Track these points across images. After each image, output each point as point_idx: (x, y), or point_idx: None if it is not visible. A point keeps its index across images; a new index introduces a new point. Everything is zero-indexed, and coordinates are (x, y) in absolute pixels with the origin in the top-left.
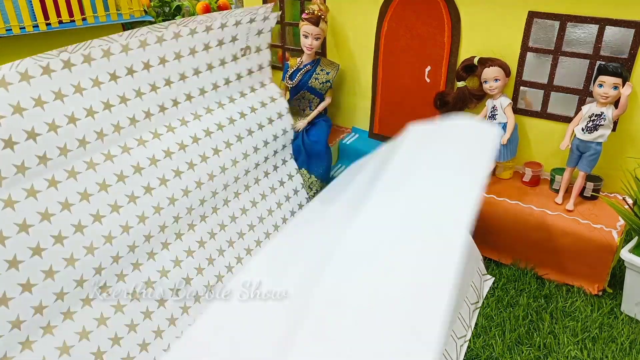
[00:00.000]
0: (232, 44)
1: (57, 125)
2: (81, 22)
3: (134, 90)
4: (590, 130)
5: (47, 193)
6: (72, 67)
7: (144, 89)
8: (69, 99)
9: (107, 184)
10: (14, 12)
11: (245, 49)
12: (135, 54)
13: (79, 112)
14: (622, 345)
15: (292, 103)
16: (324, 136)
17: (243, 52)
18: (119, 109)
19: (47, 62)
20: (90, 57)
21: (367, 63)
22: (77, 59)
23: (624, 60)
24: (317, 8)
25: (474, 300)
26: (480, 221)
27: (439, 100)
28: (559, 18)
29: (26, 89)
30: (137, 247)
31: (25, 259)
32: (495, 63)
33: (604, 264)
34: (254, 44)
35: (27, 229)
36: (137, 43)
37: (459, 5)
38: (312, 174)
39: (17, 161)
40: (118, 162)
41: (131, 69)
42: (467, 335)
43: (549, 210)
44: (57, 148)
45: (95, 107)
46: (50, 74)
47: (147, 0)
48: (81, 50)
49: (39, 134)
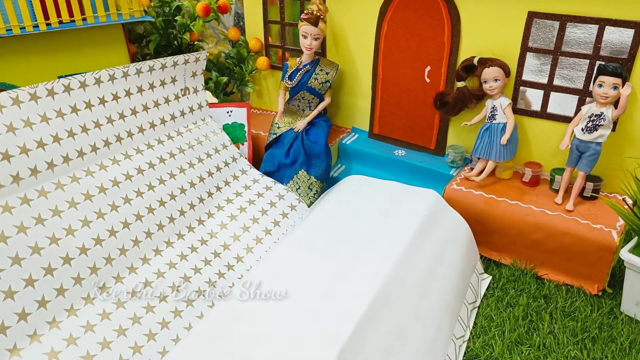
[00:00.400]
0: (173, 84)
1: (44, 143)
2: (81, 22)
3: (93, 122)
4: (590, 131)
5: (38, 201)
6: (55, 95)
7: (101, 120)
8: (53, 121)
9: (90, 194)
10: (14, 12)
11: (184, 90)
12: (91, 90)
13: (62, 133)
14: (621, 345)
15: (291, 103)
16: (324, 136)
17: (183, 92)
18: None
19: (35, 90)
20: (53, 92)
21: (367, 63)
22: (59, 87)
23: (623, 60)
24: (316, 8)
25: (472, 300)
26: (480, 221)
27: (439, 101)
28: (559, 18)
29: (17, 112)
30: (114, 258)
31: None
32: (495, 63)
33: (604, 264)
34: (191, 85)
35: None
36: (92, 80)
37: (459, 5)
38: (312, 175)
39: (12, 172)
40: (98, 177)
41: (89, 103)
42: (465, 335)
43: (548, 211)
44: (45, 162)
45: (74, 129)
46: (37, 100)
47: (147, 0)
48: (63, 82)
49: (29, 149)
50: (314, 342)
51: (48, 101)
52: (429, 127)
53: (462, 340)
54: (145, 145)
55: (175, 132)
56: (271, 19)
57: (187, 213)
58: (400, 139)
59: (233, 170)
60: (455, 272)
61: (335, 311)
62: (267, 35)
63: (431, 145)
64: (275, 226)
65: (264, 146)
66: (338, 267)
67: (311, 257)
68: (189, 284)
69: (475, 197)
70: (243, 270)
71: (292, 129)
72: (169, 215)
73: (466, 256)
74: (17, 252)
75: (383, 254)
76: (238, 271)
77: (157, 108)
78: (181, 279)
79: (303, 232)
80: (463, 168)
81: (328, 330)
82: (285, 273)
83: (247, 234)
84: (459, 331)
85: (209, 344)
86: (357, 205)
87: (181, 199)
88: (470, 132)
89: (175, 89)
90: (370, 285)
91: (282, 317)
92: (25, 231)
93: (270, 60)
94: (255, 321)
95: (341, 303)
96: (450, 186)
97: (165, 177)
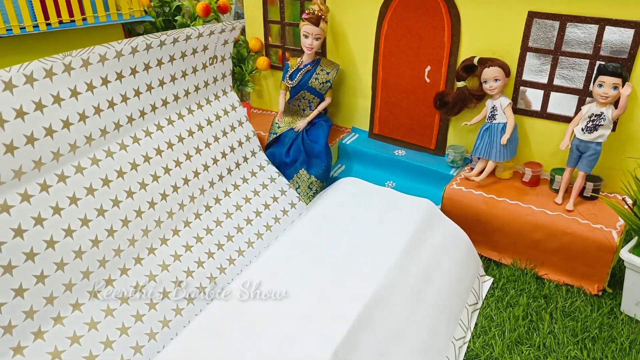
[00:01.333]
0: (203, 52)
1: (70, 122)
2: (81, 22)
3: (121, 95)
4: (590, 131)
5: (39, 197)
6: (71, 71)
7: (129, 93)
8: (66, 102)
9: (93, 189)
10: (14, 12)
11: (213, 58)
12: (125, 59)
13: (73, 116)
14: (621, 345)
15: (292, 103)
16: (324, 136)
17: (211, 61)
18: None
19: (51, 65)
20: (88, 62)
21: (367, 63)
22: (77, 62)
23: (623, 60)
24: (318, 8)
25: (472, 302)
26: (481, 221)
27: (439, 101)
28: (559, 18)
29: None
30: (123, 250)
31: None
32: (495, 63)
33: (604, 264)
34: (220, 54)
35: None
36: (128, 49)
37: (459, 5)
38: (312, 174)
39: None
40: (117, 159)
41: (120, 74)
42: (466, 337)
43: (548, 211)
44: (68, 145)
45: (87, 111)
46: (52, 77)
47: (147, 1)
48: (81, 55)
49: (55, 130)
50: (308, 342)
51: (81, 72)
52: (429, 127)
53: (463, 341)
54: (166, 120)
55: (196, 104)
56: (271, 19)
57: (196, 199)
58: (400, 139)
59: (245, 151)
60: (453, 278)
61: (330, 313)
62: (267, 35)
63: (431, 145)
64: (276, 222)
65: (264, 146)
66: (333, 271)
67: (307, 259)
68: (191, 280)
69: (475, 197)
70: (243, 266)
71: (292, 128)
72: (180, 201)
73: (464, 262)
74: (32, 247)
75: (378, 259)
76: (238, 266)
77: (184, 78)
78: (184, 273)
79: (299, 235)
80: (463, 168)
81: (322, 332)
82: (281, 274)
83: (250, 227)
84: (459, 333)
85: (204, 341)
86: (352, 209)
87: (193, 183)
88: (470, 132)
89: (205, 57)
90: (365, 288)
91: (278, 317)
92: (42, 223)
93: (270, 60)
94: (250, 320)
95: (336, 305)
96: (450, 186)
97: (182, 159)
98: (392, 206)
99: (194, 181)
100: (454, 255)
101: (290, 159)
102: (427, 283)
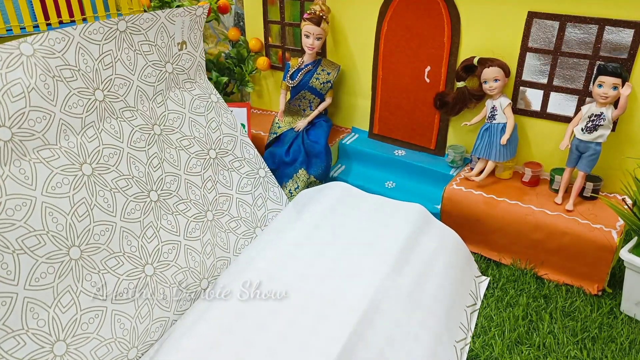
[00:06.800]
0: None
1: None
2: (81, 22)
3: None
4: (590, 131)
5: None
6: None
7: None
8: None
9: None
10: (14, 12)
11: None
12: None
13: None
14: (621, 345)
15: (292, 103)
16: (324, 136)
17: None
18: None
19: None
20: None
21: (367, 63)
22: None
23: (623, 60)
24: (319, 8)
25: (471, 303)
26: (480, 221)
27: (439, 101)
28: (559, 18)
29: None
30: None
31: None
32: (495, 63)
33: (604, 264)
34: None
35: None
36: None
37: (458, 5)
38: (312, 174)
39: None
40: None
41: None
42: (467, 338)
43: (548, 211)
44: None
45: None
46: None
47: (147, 1)
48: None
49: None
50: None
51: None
52: (429, 127)
53: (464, 343)
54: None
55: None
56: (271, 19)
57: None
58: (400, 139)
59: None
60: (447, 281)
61: (326, 323)
62: (267, 36)
63: (431, 145)
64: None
65: (264, 145)
66: (326, 278)
67: (298, 266)
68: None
69: (475, 197)
70: (238, 265)
71: (292, 128)
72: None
73: (458, 264)
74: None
75: (371, 267)
76: (234, 265)
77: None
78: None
79: (291, 241)
80: (463, 168)
81: (319, 346)
82: (278, 278)
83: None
84: (459, 335)
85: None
86: (343, 216)
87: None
88: (470, 132)
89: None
90: (361, 296)
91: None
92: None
93: (271, 61)
94: (247, 326)
95: (333, 313)
96: (450, 186)
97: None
98: (383, 212)
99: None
100: (446, 258)
101: (290, 159)
102: (421, 288)
